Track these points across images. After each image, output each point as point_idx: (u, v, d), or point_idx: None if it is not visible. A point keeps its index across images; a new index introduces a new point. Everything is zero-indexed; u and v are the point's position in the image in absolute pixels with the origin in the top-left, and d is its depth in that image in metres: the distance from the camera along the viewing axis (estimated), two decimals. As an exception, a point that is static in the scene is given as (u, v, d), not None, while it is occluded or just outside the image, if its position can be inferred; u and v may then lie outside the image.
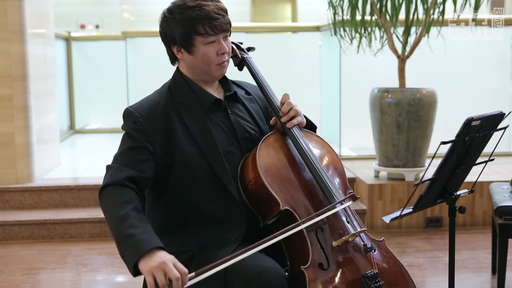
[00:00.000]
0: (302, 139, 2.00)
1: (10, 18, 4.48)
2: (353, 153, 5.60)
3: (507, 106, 5.63)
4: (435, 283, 3.52)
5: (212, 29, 1.93)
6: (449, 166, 1.96)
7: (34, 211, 4.43)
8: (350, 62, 5.41)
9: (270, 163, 1.94)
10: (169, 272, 1.67)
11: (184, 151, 1.93)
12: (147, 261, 1.70)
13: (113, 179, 1.87)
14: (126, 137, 1.94)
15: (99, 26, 9.45)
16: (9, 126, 4.55)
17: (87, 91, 7.61)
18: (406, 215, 1.99)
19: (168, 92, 2.02)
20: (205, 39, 1.93)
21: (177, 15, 1.94)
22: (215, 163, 1.94)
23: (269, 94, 2.09)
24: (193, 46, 1.95)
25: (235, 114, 2.06)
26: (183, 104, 1.99)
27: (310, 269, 1.80)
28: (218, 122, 2.02)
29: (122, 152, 1.93)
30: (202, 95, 2.02)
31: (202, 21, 1.92)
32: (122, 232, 1.79)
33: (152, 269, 1.68)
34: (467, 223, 4.42)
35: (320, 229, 1.89)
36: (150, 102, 1.99)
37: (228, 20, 1.98)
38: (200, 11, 1.91)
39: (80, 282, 3.60)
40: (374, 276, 1.86)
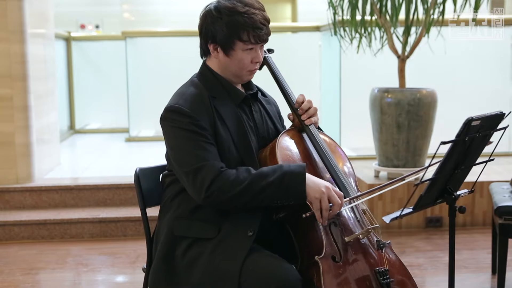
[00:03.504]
0: (318, 136, 2.07)
1: (10, 18, 4.48)
2: (353, 153, 5.60)
3: (507, 106, 5.62)
4: (435, 283, 3.52)
5: (255, 38, 1.97)
6: (449, 166, 1.96)
7: (34, 211, 4.43)
8: (350, 62, 5.41)
9: (289, 155, 2.00)
10: (332, 197, 1.86)
11: (223, 142, 1.97)
12: (313, 186, 1.86)
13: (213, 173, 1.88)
14: (190, 134, 1.93)
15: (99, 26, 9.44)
16: (9, 126, 4.55)
17: (87, 91, 7.61)
18: (406, 215, 1.99)
19: (202, 85, 2.04)
20: (246, 45, 1.98)
21: (225, 16, 1.97)
22: (247, 158, 1.99)
23: (288, 92, 2.15)
24: (232, 50, 1.99)
25: (257, 112, 2.13)
26: (216, 98, 2.02)
27: (324, 260, 1.84)
28: (245, 118, 2.07)
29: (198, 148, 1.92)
30: (232, 91, 2.06)
31: (248, 28, 1.96)
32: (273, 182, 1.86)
33: (319, 194, 1.85)
34: (467, 223, 4.42)
35: (334, 224, 1.94)
36: (192, 95, 2.00)
37: (269, 31, 2.03)
38: (248, 18, 1.96)
39: (80, 282, 3.60)
40: (385, 272, 1.91)
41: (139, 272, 3.57)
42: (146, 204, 2.23)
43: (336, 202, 1.85)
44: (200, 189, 1.88)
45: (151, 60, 7.03)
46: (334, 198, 1.85)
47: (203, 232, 1.95)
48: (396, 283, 1.93)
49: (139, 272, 3.57)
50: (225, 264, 1.86)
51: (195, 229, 1.97)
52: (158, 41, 7.09)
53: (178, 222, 1.99)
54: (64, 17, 8.43)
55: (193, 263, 1.92)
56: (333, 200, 1.85)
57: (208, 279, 1.88)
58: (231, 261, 1.86)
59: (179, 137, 1.94)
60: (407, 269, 2.04)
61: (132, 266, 3.72)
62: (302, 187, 1.85)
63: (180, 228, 1.99)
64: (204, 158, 1.90)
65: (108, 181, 4.63)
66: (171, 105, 1.97)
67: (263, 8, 2.03)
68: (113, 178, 4.75)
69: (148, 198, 2.23)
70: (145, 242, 2.20)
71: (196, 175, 1.89)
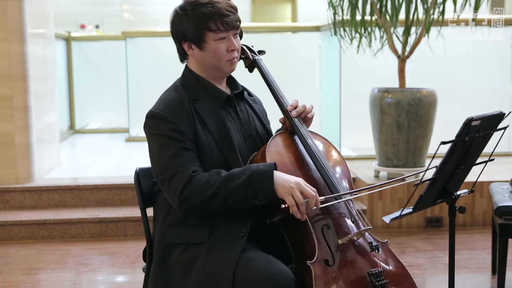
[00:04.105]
0: (310, 139, 2.05)
1: (10, 18, 4.48)
2: (353, 153, 5.60)
3: (507, 106, 5.62)
4: (435, 283, 3.52)
5: (223, 25, 1.97)
6: (449, 166, 1.96)
7: (34, 211, 4.43)
8: (350, 62, 5.41)
9: (279, 160, 1.97)
10: (304, 191, 1.84)
11: (203, 145, 1.97)
12: (282, 183, 1.84)
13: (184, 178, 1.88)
14: (167, 140, 1.94)
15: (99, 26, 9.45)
16: (9, 126, 4.55)
17: (87, 91, 7.61)
18: (406, 215, 1.99)
19: (183, 89, 2.04)
20: (216, 35, 1.98)
21: (189, 11, 1.99)
22: (230, 159, 1.98)
23: (279, 94, 2.15)
24: (204, 42, 1.99)
25: (242, 111, 2.12)
26: (198, 100, 2.02)
27: (316, 264, 1.83)
28: (230, 118, 2.06)
29: (173, 156, 1.92)
30: (215, 92, 2.06)
31: (214, 17, 1.96)
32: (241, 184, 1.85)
33: (289, 189, 1.82)
34: (467, 223, 4.42)
35: (326, 227, 1.92)
36: (173, 101, 2.01)
37: (238, 18, 2.03)
38: (212, 7, 1.97)
39: (80, 282, 3.60)
40: (379, 274, 1.88)
41: (139, 272, 3.57)
42: (146, 204, 2.23)
43: (310, 195, 1.83)
44: (174, 195, 1.89)
45: (151, 60, 7.03)
46: (307, 192, 1.83)
47: (195, 237, 1.95)
48: (392, 283, 1.91)
49: (139, 272, 3.57)
50: (219, 266, 1.86)
51: (187, 235, 1.96)
52: (158, 41, 7.09)
53: (170, 230, 2.00)
54: (64, 17, 8.44)
55: (188, 268, 1.92)
56: (306, 194, 1.83)
57: (204, 282, 1.87)
58: (224, 262, 1.85)
59: (158, 144, 1.95)
60: (404, 268, 2.01)
61: (132, 266, 3.72)
62: (270, 186, 1.83)
63: (172, 236, 1.99)
64: (178, 164, 1.90)
65: (108, 181, 4.63)
66: (151, 110, 1.99)
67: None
68: (113, 178, 4.75)
69: (148, 198, 2.23)
70: (145, 242, 2.20)
71: (170, 182, 1.90)
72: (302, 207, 1.82)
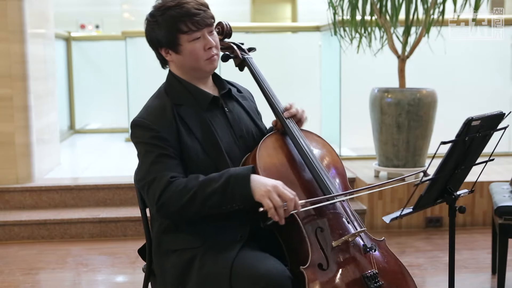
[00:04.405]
0: (302, 139, 2.01)
1: (10, 18, 4.48)
2: (353, 153, 5.60)
3: (507, 106, 5.62)
4: (435, 283, 3.52)
5: (195, 25, 1.93)
6: (449, 166, 1.96)
7: (34, 211, 4.43)
8: (350, 62, 5.41)
9: (270, 164, 1.94)
10: (282, 193, 1.78)
11: (189, 151, 1.94)
12: (259, 186, 1.80)
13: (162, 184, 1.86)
14: (149, 148, 1.93)
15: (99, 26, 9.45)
16: (9, 126, 4.55)
17: (87, 91, 7.61)
18: (406, 215, 1.98)
19: (166, 95, 2.02)
20: (190, 36, 1.94)
21: (158, 17, 1.95)
22: (218, 162, 1.95)
23: (270, 94, 2.11)
24: (180, 45, 1.96)
25: (231, 112, 2.07)
26: (182, 106, 1.99)
27: (310, 270, 1.80)
28: (216, 120, 2.02)
29: (153, 163, 1.91)
30: (199, 95, 2.02)
31: (184, 18, 1.92)
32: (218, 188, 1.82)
33: (266, 192, 1.78)
34: (467, 223, 4.42)
35: (320, 229, 1.89)
36: (155, 108, 1.99)
37: (210, 14, 1.97)
38: (180, 9, 1.92)
39: (80, 282, 3.60)
40: (374, 276, 1.86)
41: (139, 272, 3.57)
42: (146, 204, 2.23)
43: (288, 198, 1.78)
44: (152, 201, 1.88)
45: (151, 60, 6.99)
46: (285, 195, 1.78)
47: (190, 243, 1.94)
48: (389, 282, 1.90)
49: (139, 272, 3.57)
50: (215, 267, 1.84)
51: (181, 241, 1.95)
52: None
53: (165, 236, 1.99)
54: (64, 17, 8.44)
55: (185, 272, 1.91)
56: (284, 197, 1.78)
57: (202, 284, 1.86)
58: (220, 263, 1.84)
59: (141, 151, 1.95)
60: (402, 266, 1.99)
61: (132, 266, 3.72)
62: (247, 190, 1.80)
63: (167, 243, 1.98)
64: (157, 170, 1.89)
65: (108, 181, 4.63)
66: (134, 119, 1.98)
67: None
68: (113, 178, 4.75)
69: (148, 198, 2.23)
70: (145, 242, 2.20)
71: (149, 188, 1.89)
72: (280, 210, 1.78)
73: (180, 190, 1.84)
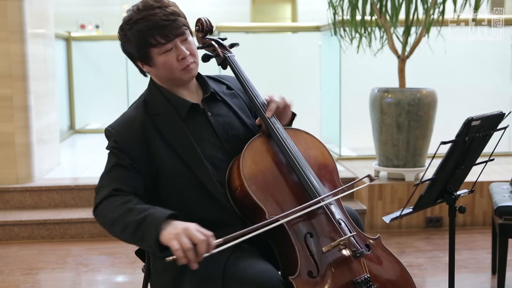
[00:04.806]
0: (286, 140, 1.95)
1: (10, 18, 4.48)
2: (353, 153, 5.60)
3: (507, 106, 5.62)
4: (435, 283, 3.52)
5: (164, 37, 1.86)
6: (449, 166, 1.96)
7: (34, 211, 4.43)
8: (350, 62, 5.40)
9: (255, 170, 1.89)
10: (193, 236, 1.65)
11: (166, 163, 1.89)
12: (169, 229, 1.67)
13: (104, 195, 1.85)
14: (111, 156, 1.92)
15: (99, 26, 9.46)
16: (9, 126, 4.55)
17: (87, 91, 7.61)
18: (406, 215, 1.99)
19: (143, 106, 1.97)
20: (160, 49, 1.88)
21: (127, 31, 1.89)
22: (198, 171, 1.89)
23: (253, 94, 2.03)
24: (151, 59, 1.90)
25: (215, 115, 2.00)
26: (159, 115, 1.94)
27: (299, 280, 1.75)
28: (198, 127, 1.96)
29: (108, 171, 1.90)
30: (177, 103, 1.96)
31: (152, 31, 1.85)
32: (133, 223, 1.74)
33: (175, 234, 1.65)
34: (467, 223, 4.42)
35: (309, 235, 1.84)
36: (126, 119, 1.97)
37: (180, 23, 1.89)
38: (147, 22, 1.85)
39: (80, 282, 3.60)
40: (366, 281, 1.81)
41: (139, 272, 3.57)
42: (145, 204, 2.23)
43: (199, 240, 1.64)
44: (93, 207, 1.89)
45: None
46: (196, 237, 1.64)
47: None
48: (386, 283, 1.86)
49: (139, 272, 3.57)
50: (207, 270, 1.81)
51: None
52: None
53: None
54: (64, 17, 8.45)
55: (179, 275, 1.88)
56: (195, 238, 1.64)
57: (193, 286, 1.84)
58: (213, 267, 1.81)
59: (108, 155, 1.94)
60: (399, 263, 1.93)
61: (132, 266, 3.72)
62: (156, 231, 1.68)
63: None
64: (107, 179, 1.88)
65: (108, 181, 4.63)
66: (106, 127, 1.98)
67: (165, 4, 1.90)
68: (113, 178, 4.74)
69: (148, 198, 2.23)
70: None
71: (96, 194, 1.89)
72: (188, 252, 1.63)
73: (111, 208, 1.81)
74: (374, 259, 1.90)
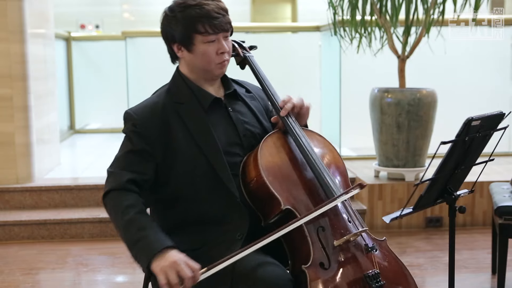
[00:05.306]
0: (303, 138, 2.01)
1: (10, 18, 4.48)
2: (353, 153, 5.60)
3: (507, 106, 5.62)
4: (435, 283, 3.52)
5: (212, 28, 1.94)
6: (449, 166, 1.96)
7: (34, 211, 4.43)
8: (350, 62, 5.40)
9: (272, 162, 1.95)
10: (181, 271, 1.73)
11: (183, 149, 1.95)
12: (160, 261, 1.76)
13: (115, 184, 1.90)
14: (126, 140, 1.97)
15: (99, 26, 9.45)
16: (9, 126, 4.55)
17: (87, 91, 7.61)
18: (406, 215, 1.99)
19: (167, 94, 2.03)
20: (205, 38, 1.95)
21: (178, 13, 1.96)
22: (214, 160, 1.95)
23: (270, 92, 2.11)
24: (193, 45, 1.97)
25: (236, 111, 2.07)
26: (182, 104, 2.00)
27: (311, 269, 1.80)
28: (219, 120, 2.02)
29: (122, 155, 1.95)
30: (201, 95, 2.03)
31: (202, 19, 1.93)
32: (131, 237, 1.84)
33: (164, 268, 1.74)
34: (467, 223, 4.42)
35: (322, 229, 1.89)
36: (148, 104, 2.01)
37: (228, 20, 1.99)
38: (200, 9, 1.93)
39: (80, 282, 3.60)
40: (376, 276, 1.86)
41: (139, 272, 3.55)
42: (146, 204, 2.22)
43: (185, 276, 1.72)
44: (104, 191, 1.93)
45: (151, 60, 7.02)
46: (183, 272, 1.72)
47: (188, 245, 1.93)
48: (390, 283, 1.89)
49: (139, 272, 3.55)
50: None
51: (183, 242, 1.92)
52: (158, 41, 7.01)
53: None
54: (64, 17, 8.45)
55: None
56: (182, 274, 1.72)
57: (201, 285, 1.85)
58: None
59: (122, 142, 1.99)
60: (403, 266, 1.99)
61: (132, 266, 3.71)
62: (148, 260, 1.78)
63: None
64: (120, 165, 1.93)
65: (108, 181, 4.62)
66: (126, 110, 2.00)
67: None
68: (113, 178, 4.74)
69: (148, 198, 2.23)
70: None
71: (108, 178, 1.94)
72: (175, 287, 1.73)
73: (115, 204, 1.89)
74: (382, 258, 1.95)
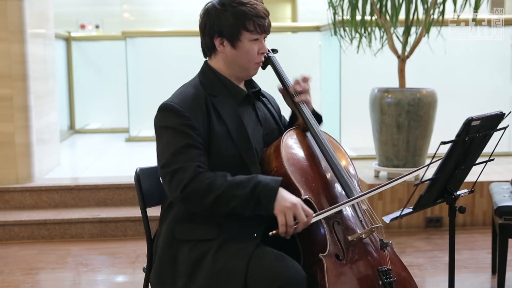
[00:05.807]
0: (322, 136, 2.09)
1: (10, 18, 4.48)
2: (353, 153, 5.59)
3: (507, 106, 5.62)
4: (435, 283, 3.52)
5: (260, 27, 2.02)
6: (449, 166, 1.96)
7: (34, 211, 4.43)
8: (350, 62, 5.41)
9: (293, 154, 2.02)
10: (298, 215, 1.85)
11: (218, 140, 1.98)
12: (280, 201, 1.86)
13: (190, 175, 1.89)
14: (178, 134, 1.94)
15: (99, 26, 9.44)
16: (9, 126, 4.55)
17: (87, 91, 7.61)
18: (406, 215, 1.99)
19: (201, 85, 2.06)
20: (252, 35, 2.01)
21: (229, 7, 2.00)
22: (245, 153, 2.00)
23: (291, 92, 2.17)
24: (239, 41, 2.02)
25: (260, 109, 2.15)
26: (216, 97, 2.04)
27: (328, 258, 1.87)
28: (248, 115, 2.09)
29: (179, 151, 1.93)
30: (234, 90, 2.08)
31: (253, 18, 2.00)
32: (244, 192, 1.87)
33: (284, 209, 1.85)
34: (467, 223, 4.42)
35: (337, 223, 1.96)
36: (189, 96, 2.01)
37: (270, 23, 2.07)
38: (252, 8, 2.00)
39: (80, 282, 3.60)
40: (388, 272, 1.93)
41: (139, 272, 3.57)
42: (146, 204, 2.23)
43: (302, 219, 1.85)
44: (175, 189, 1.90)
45: (151, 60, 7.03)
46: (300, 215, 1.85)
47: (204, 235, 1.95)
48: (398, 282, 1.95)
49: (139, 272, 3.57)
50: (231, 261, 1.87)
51: (197, 232, 1.97)
52: (158, 41, 7.09)
53: (179, 226, 2.00)
54: (64, 17, 8.43)
55: (197, 264, 1.92)
56: (299, 217, 1.85)
57: (214, 279, 1.88)
58: (237, 258, 1.87)
59: (167, 137, 1.96)
60: (408, 269, 2.06)
61: (132, 266, 3.72)
62: (271, 202, 1.87)
63: (181, 232, 1.99)
64: (184, 159, 1.91)
65: (108, 181, 4.63)
66: (165, 103, 1.99)
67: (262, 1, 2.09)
68: (113, 178, 4.75)
69: (148, 198, 2.23)
70: (145, 242, 2.20)
71: (173, 176, 1.90)
72: (290, 229, 1.86)
73: (208, 184, 1.88)
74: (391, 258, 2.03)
